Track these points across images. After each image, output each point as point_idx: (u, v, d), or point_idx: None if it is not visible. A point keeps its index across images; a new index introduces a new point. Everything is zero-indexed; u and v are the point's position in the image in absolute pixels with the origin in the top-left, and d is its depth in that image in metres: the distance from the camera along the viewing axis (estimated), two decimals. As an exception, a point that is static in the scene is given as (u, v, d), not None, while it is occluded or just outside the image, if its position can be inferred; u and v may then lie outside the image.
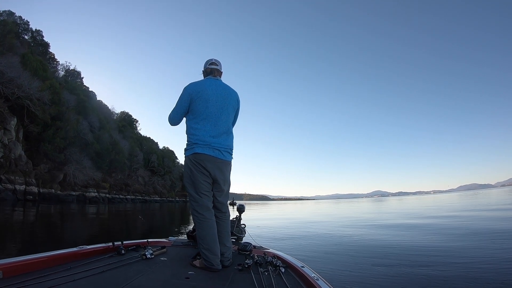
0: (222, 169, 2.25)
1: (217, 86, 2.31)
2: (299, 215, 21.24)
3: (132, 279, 1.75)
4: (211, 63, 2.44)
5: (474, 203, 25.55)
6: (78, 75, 57.53)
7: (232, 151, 2.37)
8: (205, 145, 2.17)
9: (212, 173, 2.19)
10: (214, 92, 2.26)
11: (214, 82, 2.33)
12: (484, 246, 5.89)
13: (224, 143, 2.26)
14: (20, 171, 28.78)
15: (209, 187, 2.22)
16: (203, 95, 2.22)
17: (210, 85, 2.29)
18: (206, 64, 2.46)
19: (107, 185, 43.78)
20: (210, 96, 2.23)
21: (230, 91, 2.37)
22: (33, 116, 32.07)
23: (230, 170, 2.38)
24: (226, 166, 2.29)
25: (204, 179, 2.17)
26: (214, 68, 2.43)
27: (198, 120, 2.22)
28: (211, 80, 2.35)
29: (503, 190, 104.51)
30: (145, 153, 61.17)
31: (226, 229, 2.32)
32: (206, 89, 2.25)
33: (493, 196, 41.70)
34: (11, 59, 30.77)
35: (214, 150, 2.19)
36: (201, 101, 2.21)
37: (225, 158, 2.26)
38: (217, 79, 2.39)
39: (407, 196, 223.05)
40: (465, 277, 3.90)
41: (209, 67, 2.43)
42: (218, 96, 2.26)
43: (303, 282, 1.85)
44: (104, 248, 2.40)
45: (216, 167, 2.20)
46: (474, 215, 13.41)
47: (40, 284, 1.56)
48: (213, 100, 2.23)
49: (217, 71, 2.43)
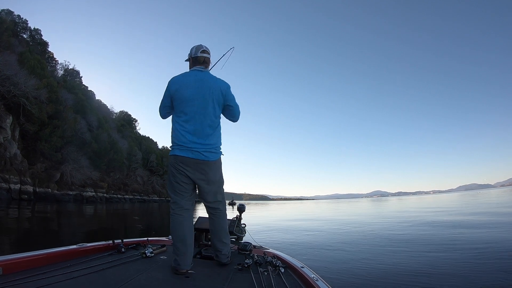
0: (204, 170, 2.14)
1: (199, 81, 2.14)
2: (309, 215, 20.96)
3: (132, 277, 1.75)
4: (203, 51, 2.22)
5: (485, 205, 25.24)
6: (77, 74, 57.41)
7: (216, 149, 2.20)
8: (184, 147, 2.10)
9: (192, 176, 2.12)
10: (194, 90, 2.11)
11: (197, 76, 2.16)
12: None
13: (205, 143, 2.13)
14: (15, 170, 28.50)
15: (188, 187, 2.16)
16: (183, 94, 2.11)
17: (191, 81, 2.14)
18: (195, 51, 2.22)
19: (105, 185, 43.51)
20: (189, 94, 2.11)
21: (212, 84, 2.15)
22: (29, 115, 31.81)
23: (217, 168, 2.23)
24: (209, 166, 2.15)
25: (183, 180, 2.13)
26: (206, 57, 2.23)
27: (178, 119, 2.16)
28: (195, 73, 2.18)
29: (502, 190, 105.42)
30: (144, 153, 61.07)
31: (221, 225, 2.25)
32: (187, 85, 2.13)
33: (493, 197, 41.63)
34: (8, 57, 30.56)
35: (194, 152, 2.10)
36: (180, 100, 2.13)
37: (207, 158, 2.13)
38: (202, 71, 2.19)
39: (406, 196, 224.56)
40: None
41: (200, 55, 2.20)
42: (199, 93, 2.11)
43: (302, 282, 1.84)
44: (104, 246, 2.41)
45: (196, 169, 2.12)
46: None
47: (40, 281, 1.55)
48: (192, 99, 2.11)
49: (208, 60, 2.25)
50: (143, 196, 54.12)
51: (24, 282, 1.51)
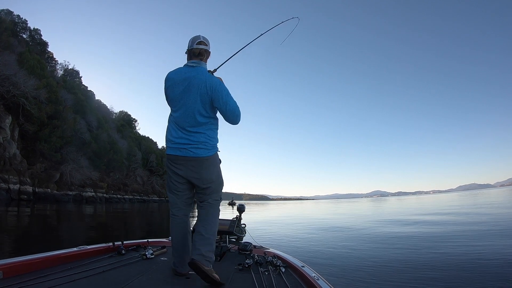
0: (195, 167, 2.04)
1: (187, 79, 2.04)
2: (311, 215, 20.89)
3: (133, 279, 1.75)
4: (199, 42, 2.10)
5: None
6: (76, 74, 57.30)
7: (206, 145, 2.06)
8: (173, 145, 2.06)
9: (184, 175, 2.06)
10: (182, 87, 2.05)
11: (186, 74, 2.06)
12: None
13: (193, 140, 2.04)
14: (14, 170, 28.39)
15: (184, 187, 2.11)
16: (172, 92, 2.09)
17: (180, 79, 2.07)
18: (191, 43, 2.11)
19: (104, 185, 43.41)
20: (176, 93, 2.06)
21: (199, 82, 2.04)
22: (29, 115, 31.71)
23: (211, 165, 2.10)
24: (200, 163, 2.04)
25: (176, 179, 2.09)
26: (203, 48, 2.10)
27: (170, 117, 2.13)
28: (186, 69, 2.09)
29: (502, 190, 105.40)
30: (143, 153, 60.97)
31: (208, 218, 2.05)
32: (176, 83, 2.07)
33: (492, 196, 41.57)
34: (7, 57, 30.45)
35: (182, 150, 2.03)
36: (170, 99, 2.12)
37: (196, 155, 2.02)
38: (193, 67, 2.07)
39: (406, 196, 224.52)
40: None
41: (196, 47, 2.08)
42: (185, 91, 2.04)
43: (303, 282, 1.84)
44: (104, 248, 2.42)
45: (187, 167, 2.04)
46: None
47: (40, 284, 1.56)
48: (179, 99, 2.06)
49: (205, 52, 2.12)
50: (142, 196, 54.01)
51: (25, 286, 1.51)
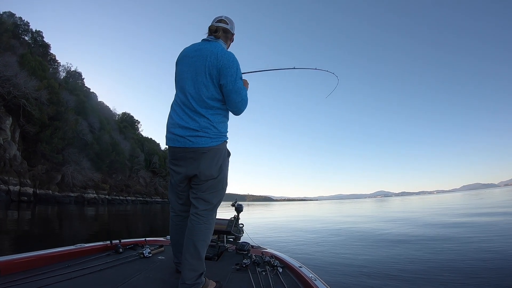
0: (194, 159, 1.70)
1: (198, 50, 1.77)
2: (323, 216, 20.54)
3: (130, 278, 1.75)
4: (218, 20, 1.91)
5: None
6: (79, 76, 57.49)
7: (209, 132, 1.70)
8: (172, 135, 1.75)
9: (184, 172, 1.74)
10: (189, 61, 1.76)
11: (199, 45, 1.80)
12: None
13: (193, 127, 1.68)
14: (14, 172, 28.15)
15: (182, 181, 1.80)
16: (180, 65, 1.82)
17: (191, 50, 1.80)
18: (212, 21, 1.95)
19: (106, 186, 43.19)
20: (184, 63, 1.78)
21: (208, 53, 1.72)
22: (29, 116, 31.54)
23: (213, 157, 1.72)
24: (200, 155, 1.69)
25: (175, 177, 1.83)
26: (219, 26, 1.88)
27: (173, 102, 1.83)
28: (200, 43, 1.83)
29: (506, 190, 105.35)
30: (146, 154, 60.83)
31: (193, 235, 1.66)
32: (185, 55, 1.81)
33: (497, 196, 41.50)
34: (8, 59, 30.38)
35: (180, 139, 1.70)
36: (176, 75, 1.84)
37: (196, 144, 1.67)
38: (208, 41, 1.81)
39: (410, 196, 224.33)
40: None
41: (213, 24, 1.90)
42: (191, 65, 1.75)
43: (300, 282, 1.83)
44: (102, 246, 2.42)
45: (187, 161, 1.72)
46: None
47: (38, 282, 1.56)
48: (183, 72, 1.77)
49: (221, 30, 1.88)
50: (145, 197, 53.75)
51: (22, 283, 1.51)
